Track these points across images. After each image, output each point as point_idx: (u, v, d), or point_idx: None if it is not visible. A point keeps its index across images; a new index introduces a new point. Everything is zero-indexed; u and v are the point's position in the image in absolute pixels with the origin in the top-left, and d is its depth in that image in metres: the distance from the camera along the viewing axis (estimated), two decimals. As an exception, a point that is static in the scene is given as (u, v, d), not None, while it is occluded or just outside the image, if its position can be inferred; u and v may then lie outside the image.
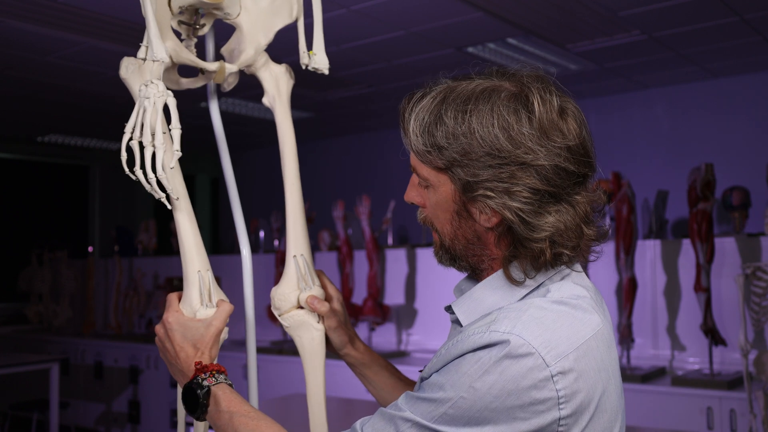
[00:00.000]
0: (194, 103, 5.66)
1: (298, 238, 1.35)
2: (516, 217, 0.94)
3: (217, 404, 1.11)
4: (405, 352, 4.86)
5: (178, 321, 1.19)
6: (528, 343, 0.89)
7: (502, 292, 1.00)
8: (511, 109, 0.94)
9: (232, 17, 1.38)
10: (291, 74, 1.45)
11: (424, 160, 1.00)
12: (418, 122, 0.99)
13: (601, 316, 1.00)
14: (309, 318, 1.32)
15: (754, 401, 3.08)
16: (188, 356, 1.17)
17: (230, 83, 1.42)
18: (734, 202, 4.16)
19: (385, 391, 1.33)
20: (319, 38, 1.42)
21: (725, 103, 5.54)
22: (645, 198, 4.73)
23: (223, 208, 8.79)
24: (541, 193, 0.93)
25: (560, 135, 0.94)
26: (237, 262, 1.41)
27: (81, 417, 6.33)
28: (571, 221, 0.96)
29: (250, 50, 1.38)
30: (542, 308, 0.94)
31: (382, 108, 6.30)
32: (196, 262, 1.25)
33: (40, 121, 6.73)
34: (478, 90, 0.97)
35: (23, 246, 7.45)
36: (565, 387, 0.89)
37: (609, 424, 0.96)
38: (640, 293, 4.04)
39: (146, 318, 6.38)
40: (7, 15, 3.86)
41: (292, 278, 1.33)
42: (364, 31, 4.22)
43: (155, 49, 1.20)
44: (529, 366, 0.88)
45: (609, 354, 0.97)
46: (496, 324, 0.92)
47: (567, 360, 0.90)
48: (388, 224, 5.21)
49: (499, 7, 3.84)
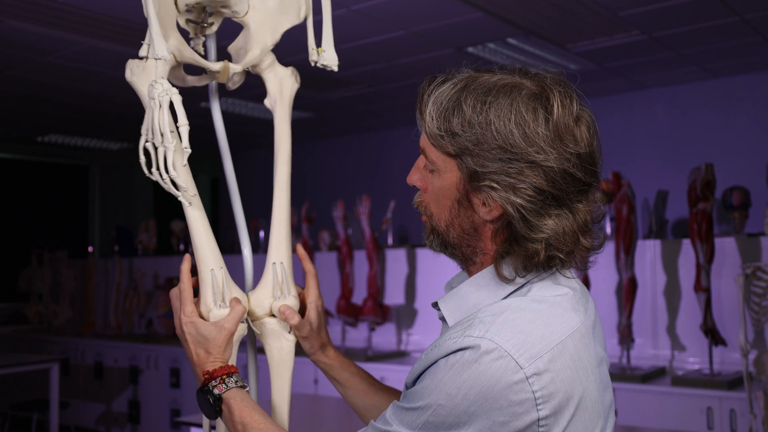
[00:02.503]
0: (194, 103, 5.66)
1: (280, 245, 1.32)
2: (517, 213, 0.94)
3: (230, 412, 1.12)
4: (405, 352, 4.86)
5: (191, 322, 1.19)
6: (500, 347, 0.89)
7: (487, 291, 1.01)
8: (530, 108, 0.94)
9: (240, 15, 1.37)
10: (297, 78, 1.42)
11: (436, 144, 1.00)
12: (436, 105, 0.99)
13: (582, 314, 1.00)
14: (280, 327, 1.30)
15: (754, 401, 3.08)
16: (201, 360, 1.18)
17: (235, 82, 1.40)
18: (734, 202, 4.16)
19: (357, 396, 1.33)
20: (328, 34, 1.40)
21: (725, 103, 5.54)
22: (645, 198, 4.73)
23: (223, 208, 8.79)
24: (545, 195, 0.94)
25: (573, 141, 0.95)
26: (237, 262, 1.40)
27: (81, 417, 6.33)
28: (570, 228, 0.96)
29: (256, 50, 1.36)
30: (518, 309, 0.95)
31: (382, 108, 6.30)
32: (209, 261, 1.25)
33: (40, 121, 6.73)
34: (500, 84, 0.97)
35: (23, 246, 7.45)
36: (542, 387, 0.90)
37: (591, 423, 0.96)
38: (640, 293, 4.04)
39: (146, 318, 6.37)
40: (7, 15, 3.86)
41: (268, 285, 1.30)
42: (364, 31, 4.22)
43: (157, 47, 1.20)
44: (502, 369, 0.89)
45: (587, 352, 0.98)
46: (471, 329, 0.92)
47: (542, 361, 0.91)
48: (388, 224, 5.21)
49: (499, 7, 3.84)
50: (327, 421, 3.20)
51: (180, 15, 1.35)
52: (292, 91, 1.41)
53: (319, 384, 4.66)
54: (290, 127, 1.41)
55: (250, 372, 1.36)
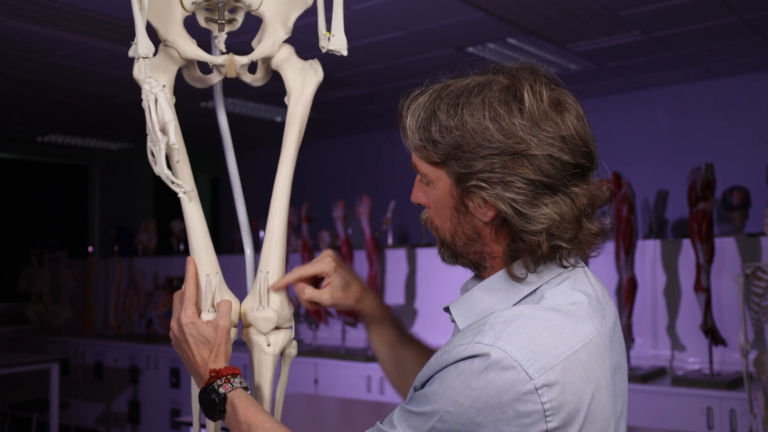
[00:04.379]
0: (195, 103, 5.66)
1: (269, 254, 1.28)
2: (510, 208, 0.93)
3: (234, 412, 1.11)
4: (405, 352, 4.85)
5: (193, 323, 1.19)
6: (510, 356, 0.88)
7: (498, 295, 1.00)
8: (502, 101, 0.94)
9: (254, 8, 1.34)
10: (318, 71, 1.36)
11: (421, 156, 1.01)
12: (414, 118, 1.00)
13: (598, 323, 0.98)
14: (259, 339, 1.26)
15: (754, 401, 3.08)
16: (204, 360, 1.18)
17: (257, 79, 1.36)
18: (734, 202, 4.16)
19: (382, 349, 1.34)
20: (338, 19, 1.36)
21: (725, 103, 5.54)
22: (645, 198, 4.73)
23: (224, 208, 8.79)
24: (535, 184, 0.93)
25: (552, 125, 0.94)
26: (237, 262, 1.39)
27: (81, 417, 6.33)
28: (569, 213, 0.94)
29: (267, 41, 1.33)
30: (531, 317, 0.93)
31: (382, 108, 6.30)
32: (205, 265, 1.24)
33: (40, 121, 6.73)
34: (471, 85, 0.98)
35: (23, 246, 7.45)
36: (551, 399, 0.89)
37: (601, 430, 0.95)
38: (640, 293, 4.04)
39: (146, 318, 6.37)
40: (7, 15, 3.86)
41: (255, 295, 1.27)
42: (364, 31, 4.22)
43: (140, 47, 1.19)
44: (511, 379, 0.88)
45: (601, 362, 0.96)
46: (480, 336, 0.91)
47: (552, 372, 0.89)
48: (388, 224, 5.21)
49: (499, 7, 3.84)
50: (327, 421, 3.20)
51: (198, 13, 1.33)
52: (313, 85, 1.35)
53: (319, 384, 4.67)
54: (303, 129, 1.36)
55: (249, 372, 1.36)
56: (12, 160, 7.94)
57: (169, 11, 1.30)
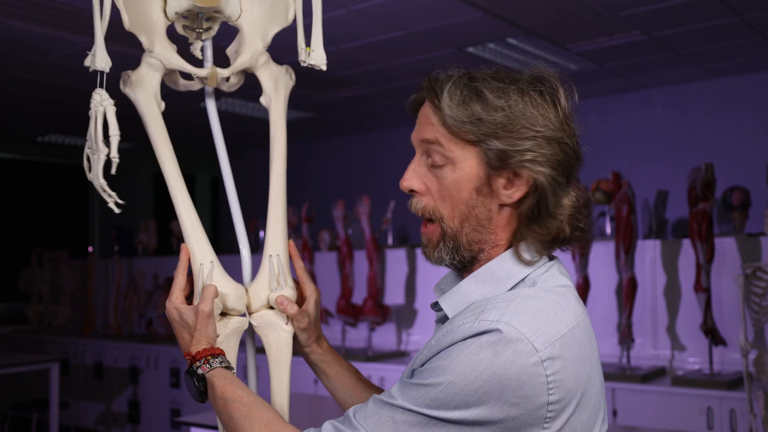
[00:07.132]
0: (195, 103, 5.66)
1: (277, 238, 1.34)
2: (549, 186, 0.99)
3: (213, 390, 1.13)
4: (405, 352, 4.86)
5: (176, 308, 1.22)
6: (517, 330, 0.91)
7: (490, 285, 1.02)
8: (545, 93, 1.01)
9: (233, 19, 1.39)
10: (291, 76, 1.44)
11: (459, 130, 1.00)
12: (453, 96, 1.01)
13: (582, 307, 1.03)
14: (277, 319, 1.31)
15: (754, 401, 3.08)
16: (186, 343, 1.21)
17: (232, 85, 1.41)
18: (734, 202, 4.16)
19: (345, 391, 1.33)
20: (317, 34, 1.41)
21: (725, 103, 5.54)
22: (645, 198, 4.73)
23: (224, 208, 8.79)
24: (564, 170, 1.01)
25: (574, 124, 1.03)
26: (237, 262, 1.40)
27: (81, 417, 6.33)
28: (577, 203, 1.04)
29: (246, 54, 1.38)
30: (530, 296, 0.97)
31: (382, 108, 6.30)
32: (197, 256, 1.28)
33: (40, 121, 6.73)
34: (512, 75, 1.03)
35: (23, 246, 7.46)
36: (555, 372, 0.91)
37: (593, 411, 0.98)
38: (640, 293, 4.04)
39: (146, 318, 6.38)
40: (7, 15, 3.86)
41: (265, 277, 1.32)
42: (364, 31, 4.22)
43: (97, 59, 1.27)
44: (519, 351, 0.90)
45: (590, 343, 1.00)
46: (485, 314, 0.94)
47: (554, 346, 0.92)
48: (388, 224, 5.21)
49: (499, 7, 3.84)
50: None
51: (176, 21, 1.37)
52: (287, 88, 1.42)
53: (319, 384, 4.66)
54: (285, 124, 1.42)
55: (249, 371, 1.37)
56: (12, 160, 7.94)
57: (152, 22, 1.34)
